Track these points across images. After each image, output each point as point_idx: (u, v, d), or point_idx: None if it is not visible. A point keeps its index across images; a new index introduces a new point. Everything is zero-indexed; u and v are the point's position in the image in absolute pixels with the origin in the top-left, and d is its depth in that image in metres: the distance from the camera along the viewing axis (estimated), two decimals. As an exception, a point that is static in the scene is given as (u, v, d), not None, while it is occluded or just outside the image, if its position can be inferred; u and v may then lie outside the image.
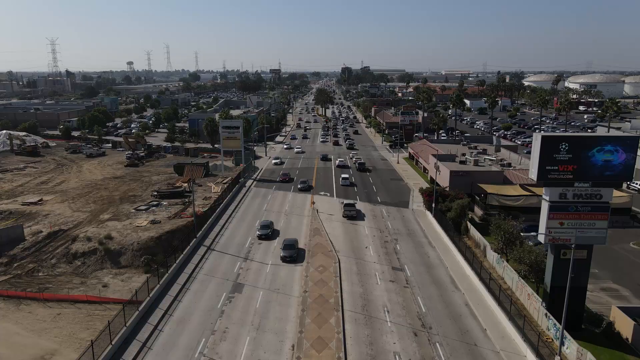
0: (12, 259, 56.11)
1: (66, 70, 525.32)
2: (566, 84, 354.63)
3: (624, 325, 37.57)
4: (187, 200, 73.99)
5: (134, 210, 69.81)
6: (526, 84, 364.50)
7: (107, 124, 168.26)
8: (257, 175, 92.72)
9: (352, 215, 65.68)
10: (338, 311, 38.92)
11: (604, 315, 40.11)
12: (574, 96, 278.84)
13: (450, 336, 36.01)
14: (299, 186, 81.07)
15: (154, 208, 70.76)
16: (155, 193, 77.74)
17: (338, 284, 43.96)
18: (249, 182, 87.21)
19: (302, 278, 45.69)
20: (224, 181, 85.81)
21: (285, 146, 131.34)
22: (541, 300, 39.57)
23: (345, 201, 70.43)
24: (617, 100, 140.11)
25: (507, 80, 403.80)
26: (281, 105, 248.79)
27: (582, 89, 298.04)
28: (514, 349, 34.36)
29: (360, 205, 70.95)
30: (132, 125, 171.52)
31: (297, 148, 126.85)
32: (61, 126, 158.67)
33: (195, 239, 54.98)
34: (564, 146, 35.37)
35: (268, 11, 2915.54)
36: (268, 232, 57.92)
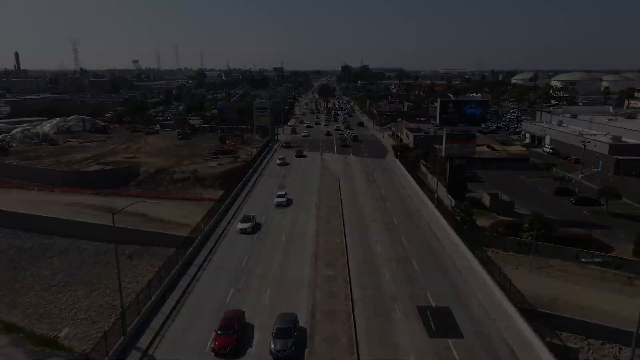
0: (139, 182, 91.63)
1: (80, 69, 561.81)
2: (552, 82, 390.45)
3: (486, 199, 72.97)
4: (235, 155, 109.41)
5: (202, 160, 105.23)
6: (513, 81, 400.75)
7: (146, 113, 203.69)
8: (280, 144, 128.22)
9: (346, 144, 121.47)
10: (338, 192, 74.76)
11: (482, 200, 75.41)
12: (550, 92, 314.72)
13: (395, 200, 71.73)
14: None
15: (215, 159, 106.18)
16: (213, 151, 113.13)
17: (338, 185, 79.67)
18: (275, 146, 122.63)
19: (319, 183, 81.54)
20: (257, 146, 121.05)
21: (295, 127, 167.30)
22: (446, 189, 74.73)
23: (341, 139, 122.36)
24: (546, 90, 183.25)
25: (500, 78, 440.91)
26: (288, 99, 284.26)
27: (562, 86, 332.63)
28: (425, 203, 70.06)
29: (352, 158, 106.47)
30: (166, 114, 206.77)
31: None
32: (108, 114, 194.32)
33: (250, 170, 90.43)
34: (451, 105, 70.70)
35: (269, 11, 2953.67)
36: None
